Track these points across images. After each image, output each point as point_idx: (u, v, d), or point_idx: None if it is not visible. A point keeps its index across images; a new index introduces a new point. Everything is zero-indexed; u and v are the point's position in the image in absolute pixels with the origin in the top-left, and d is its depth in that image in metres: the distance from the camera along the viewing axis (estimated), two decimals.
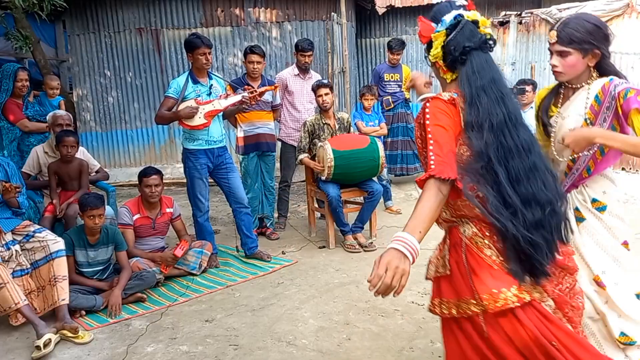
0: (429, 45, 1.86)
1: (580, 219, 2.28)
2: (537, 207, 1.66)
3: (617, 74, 2.26)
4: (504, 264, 1.70)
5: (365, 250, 4.96)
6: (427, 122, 1.74)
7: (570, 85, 2.32)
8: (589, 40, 2.17)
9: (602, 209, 2.26)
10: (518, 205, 1.64)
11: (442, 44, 1.80)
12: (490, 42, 1.81)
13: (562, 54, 2.21)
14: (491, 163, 1.67)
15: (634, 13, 7.33)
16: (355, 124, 5.95)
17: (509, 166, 1.67)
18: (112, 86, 8.65)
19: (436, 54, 1.82)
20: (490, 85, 1.74)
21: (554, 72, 2.30)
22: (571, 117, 2.27)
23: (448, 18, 1.80)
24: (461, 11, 1.81)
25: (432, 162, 1.66)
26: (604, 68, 2.26)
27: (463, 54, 1.76)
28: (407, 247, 1.57)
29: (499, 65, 7.39)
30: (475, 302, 1.70)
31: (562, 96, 2.37)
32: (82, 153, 4.88)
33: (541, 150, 1.77)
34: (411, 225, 1.61)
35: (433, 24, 1.84)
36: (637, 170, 7.48)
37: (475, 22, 1.81)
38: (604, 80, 2.22)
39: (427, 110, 1.76)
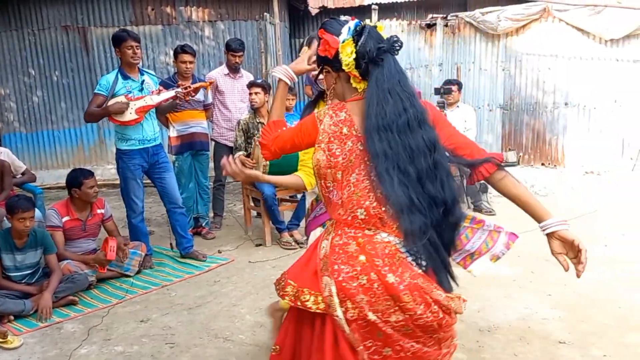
0: (335, 59, 1.82)
1: None
2: (435, 207, 1.69)
3: None
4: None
5: (301, 247, 5.02)
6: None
7: None
8: None
9: None
10: (425, 205, 1.67)
11: (354, 50, 1.76)
12: (398, 44, 1.79)
13: None
14: (391, 163, 1.68)
15: (550, 17, 7.81)
16: None
17: (414, 166, 1.69)
18: (37, 85, 8.35)
19: (349, 62, 1.78)
20: (397, 87, 1.73)
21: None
22: None
23: (350, 26, 1.79)
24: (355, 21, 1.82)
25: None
26: None
27: (379, 54, 1.74)
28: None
29: (426, 66, 7.61)
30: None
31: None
32: (6, 154, 4.71)
33: (443, 149, 1.77)
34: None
35: (335, 37, 1.81)
36: (555, 166, 7.97)
37: (374, 27, 1.80)
38: None
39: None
